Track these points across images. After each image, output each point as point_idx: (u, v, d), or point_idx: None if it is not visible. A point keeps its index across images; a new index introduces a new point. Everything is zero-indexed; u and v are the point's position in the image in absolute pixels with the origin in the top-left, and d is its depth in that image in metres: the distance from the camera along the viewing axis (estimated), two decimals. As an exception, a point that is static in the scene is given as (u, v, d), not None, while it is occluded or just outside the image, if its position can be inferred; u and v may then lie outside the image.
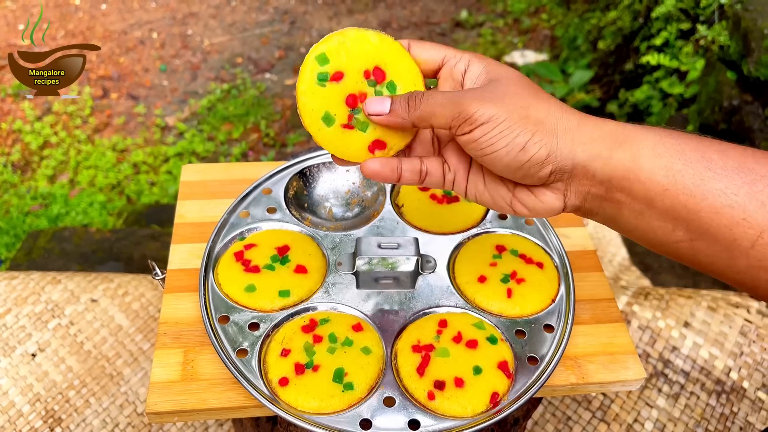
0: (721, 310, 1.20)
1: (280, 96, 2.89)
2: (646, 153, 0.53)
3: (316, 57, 0.61)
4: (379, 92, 0.61)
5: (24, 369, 1.09)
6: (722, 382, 1.12)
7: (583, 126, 0.55)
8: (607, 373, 0.75)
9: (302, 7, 3.45)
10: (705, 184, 0.52)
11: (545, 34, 3.19)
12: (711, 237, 0.53)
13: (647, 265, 1.64)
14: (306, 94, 0.61)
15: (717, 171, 0.52)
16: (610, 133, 0.55)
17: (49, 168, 2.49)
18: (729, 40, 1.98)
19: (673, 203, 0.53)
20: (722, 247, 0.53)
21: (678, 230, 0.55)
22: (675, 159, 0.53)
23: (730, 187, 0.51)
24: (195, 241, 0.86)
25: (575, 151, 0.54)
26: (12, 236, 2.21)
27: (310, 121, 0.61)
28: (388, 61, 0.61)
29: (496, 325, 0.76)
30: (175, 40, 3.19)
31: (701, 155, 0.53)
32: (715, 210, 0.52)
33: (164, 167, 2.54)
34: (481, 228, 0.87)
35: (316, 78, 0.61)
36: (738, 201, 0.51)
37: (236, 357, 0.70)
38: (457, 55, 0.60)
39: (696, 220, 0.53)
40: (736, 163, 0.52)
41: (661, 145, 0.54)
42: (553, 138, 0.54)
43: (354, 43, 0.61)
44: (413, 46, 0.61)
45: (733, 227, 0.52)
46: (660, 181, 0.53)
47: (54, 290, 1.19)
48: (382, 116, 0.59)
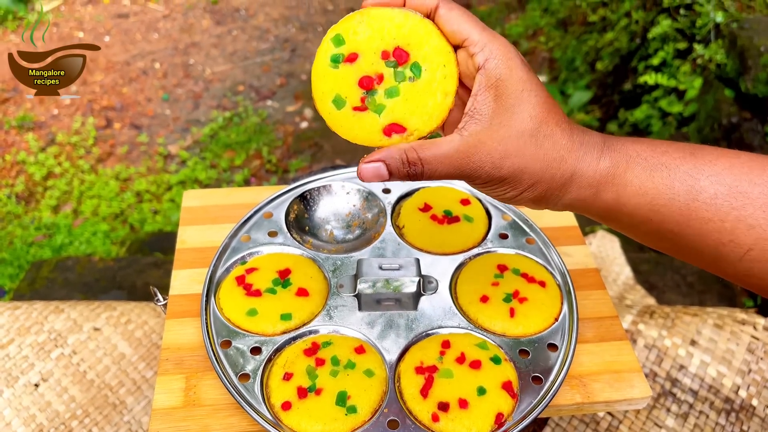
0: (728, 328, 1.19)
1: (282, 122, 2.91)
2: (631, 192, 0.55)
3: (332, 39, 0.57)
4: (400, 74, 0.57)
5: (27, 399, 1.08)
6: (731, 400, 1.10)
7: (577, 176, 0.55)
8: (612, 392, 0.74)
9: (303, 35, 3.49)
10: (691, 213, 0.53)
11: (543, 56, 3.21)
12: (697, 252, 0.55)
13: (652, 284, 1.63)
14: (318, 77, 0.58)
15: (705, 201, 0.53)
16: (599, 178, 0.55)
17: (52, 198, 2.51)
18: (726, 59, 2.00)
19: (658, 228, 0.55)
20: (709, 259, 0.55)
21: (663, 243, 0.57)
22: (661, 195, 0.54)
23: (718, 215, 0.52)
24: (196, 266, 0.86)
25: (562, 197, 0.56)
26: (16, 267, 2.21)
27: (321, 104, 0.59)
28: (413, 41, 0.56)
29: (500, 345, 0.75)
30: (177, 70, 3.23)
31: (690, 186, 0.53)
32: (701, 234, 0.53)
33: (167, 195, 2.55)
34: (482, 248, 0.87)
35: (329, 60, 0.57)
36: (725, 226, 0.52)
37: (238, 382, 0.70)
38: (480, 42, 0.54)
39: (681, 240, 0.55)
40: (727, 189, 0.52)
41: (650, 182, 0.54)
42: (543, 187, 0.55)
43: (374, 22, 0.57)
44: (440, 11, 0.56)
45: (720, 247, 0.53)
46: (645, 214, 0.55)
47: (57, 319, 1.19)
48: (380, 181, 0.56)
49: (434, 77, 0.57)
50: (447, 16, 0.55)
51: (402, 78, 0.57)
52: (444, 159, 0.54)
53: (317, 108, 0.59)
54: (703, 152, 0.55)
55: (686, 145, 0.56)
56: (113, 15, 3.57)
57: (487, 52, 0.54)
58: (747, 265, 0.52)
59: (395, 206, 0.93)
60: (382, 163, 0.55)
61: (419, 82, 0.57)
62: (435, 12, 0.56)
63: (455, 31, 0.55)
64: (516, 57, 0.54)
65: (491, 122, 0.53)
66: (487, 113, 0.54)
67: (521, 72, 0.54)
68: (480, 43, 0.54)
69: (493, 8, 3.63)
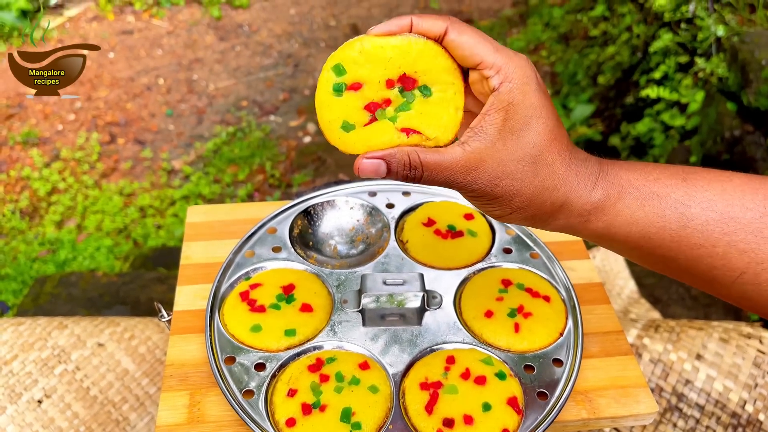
0: (734, 342, 1.18)
1: (285, 137, 2.92)
2: (621, 221, 0.55)
3: (332, 68, 0.56)
4: (410, 95, 0.57)
5: (30, 416, 1.08)
6: (738, 415, 1.10)
7: (568, 204, 0.56)
8: (618, 407, 0.73)
9: (305, 51, 3.51)
10: (682, 240, 0.54)
11: (545, 70, 3.23)
12: (690, 275, 0.56)
13: (657, 298, 1.63)
14: (322, 106, 0.57)
15: (696, 227, 0.53)
16: (590, 208, 0.56)
17: (56, 214, 2.51)
18: (727, 72, 2.00)
19: (650, 253, 0.56)
20: (702, 282, 0.56)
21: (657, 266, 0.58)
22: (652, 223, 0.54)
23: (709, 240, 0.53)
24: (201, 282, 0.87)
25: (550, 223, 0.58)
26: (19, 282, 2.22)
27: (330, 133, 0.58)
28: (419, 67, 0.55)
29: (505, 361, 0.75)
30: (181, 86, 3.25)
31: (682, 213, 0.54)
32: (693, 258, 0.54)
33: (171, 210, 2.56)
34: (486, 263, 0.87)
35: (332, 89, 0.56)
36: (717, 251, 0.53)
37: (243, 398, 0.70)
38: (495, 65, 0.53)
39: (674, 264, 0.56)
40: (718, 215, 0.53)
41: (641, 211, 0.55)
42: (533, 211, 0.56)
43: (375, 50, 0.55)
44: (450, 36, 0.54)
45: (712, 271, 0.54)
46: (636, 241, 0.56)
47: (60, 335, 1.19)
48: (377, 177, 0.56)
49: (445, 95, 0.57)
50: (458, 41, 0.54)
51: (412, 98, 0.57)
52: (444, 168, 0.54)
53: (327, 138, 0.58)
54: (695, 177, 0.55)
55: (679, 169, 0.56)
56: (118, 31, 3.60)
57: (503, 75, 0.53)
58: (740, 288, 0.53)
59: (399, 221, 0.93)
60: (382, 161, 0.55)
61: (431, 99, 0.57)
62: (444, 37, 0.55)
63: (468, 56, 0.54)
64: (532, 81, 0.54)
65: (495, 142, 0.54)
66: (493, 133, 0.54)
67: (534, 98, 0.54)
68: (495, 65, 0.53)
69: (494, 23, 3.65)
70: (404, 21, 0.55)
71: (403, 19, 0.55)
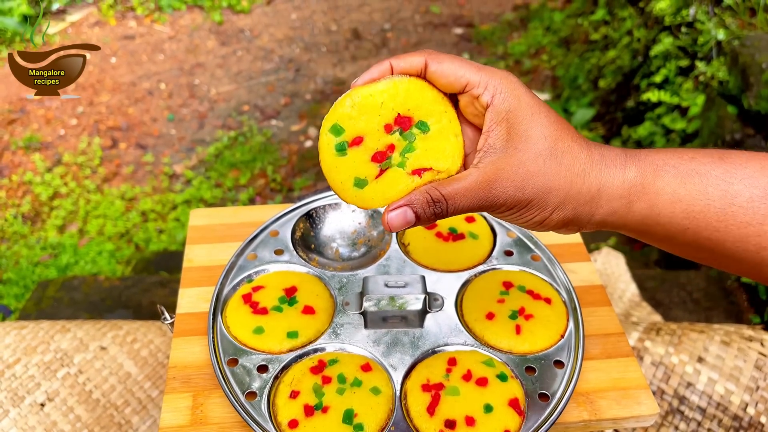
0: (735, 344, 1.18)
1: (287, 141, 2.92)
2: (664, 200, 0.53)
3: (330, 130, 0.56)
4: (410, 135, 0.57)
5: (33, 419, 1.08)
6: (739, 417, 1.10)
7: (604, 188, 0.54)
8: (619, 409, 0.74)
9: (307, 55, 3.52)
10: (728, 218, 0.52)
11: (546, 74, 3.23)
12: (737, 259, 0.53)
13: (658, 301, 1.63)
14: (330, 169, 0.57)
15: (742, 204, 0.52)
16: (629, 188, 0.54)
17: (58, 218, 2.52)
18: (728, 75, 2.01)
19: (695, 237, 0.54)
20: (750, 265, 0.53)
21: (702, 254, 0.55)
22: (696, 201, 0.53)
23: (756, 218, 0.51)
24: (203, 285, 0.87)
25: (593, 214, 0.55)
26: (22, 287, 2.22)
27: (345, 193, 0.58)
28: (411, 104, 0.56)
29: (506, 362, 0.75)
30: (183, 90, 3.26)
31: (725, 191, 0.52)
32: (741, 239, 0.52)
33: (172, 215, 2.56)
34: (487, 265, 0.87)
35: (335, 150, 0.57)
36: (766, 229, 0.51)
37: (245, 400, 0.70)
38: (481, 82, 0.54)
39: (721, 249, 0.53)
40: (762, 191, 0.52)
41: (683, 188, 0.53)
42: (572, 211, 0.54)
43: (365, 100, 0.56)
44: (431, 68, 0.56)
45: (761, 251, 0.52)
46: (680, 222, 0.53)
47: (63, 339, 1.20)
48: (408, 227, 0.55)
49: (441, 125, 0.57)
50: (440, 70, 0.55)
51: (413, 138, 0.57)
52: (466, 192, 0.54)
53: (343, 199, 0.58)
54: (731, 156, 0.54)
55: (713, 150, 0.55)
56: (119, 36, 3.61)
57: (492, 89, 0.54)
58: None
59: (400, 224, 0.93)
60: (407, 207, 0.55)
61: (430, 133, 0.57)
62: (425, 70, 0.56)
63: (452, 82, 0.55)
64: (520, 85, 0.55)
65: (506, 151, 0.54)
66: (501, 145, 0.54)
67: (528, 98, 0.54)
68: (481, 82, 0.54)
69: (495, 27, 3.66)
70: (384, 66, 0.56)
71: (382, 64, 0.56)
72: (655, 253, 2.12)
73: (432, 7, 3.87)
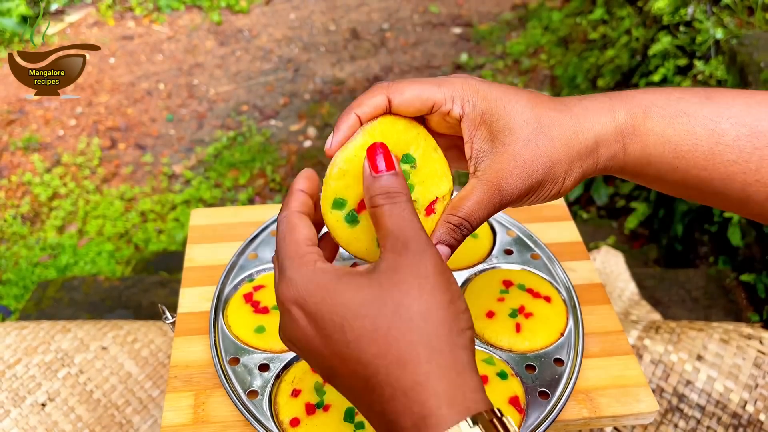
0: (734, 342, 1.19)
1: (286, 141, 2.93)
2: (654, 141, 0.55)
3: (333, 207, 0.55)
4: (404, 174, 0.56)
5: (34, 419, 1.09)
6: (739, 415, 1.10)
7: (600, 136, 0.55)
8: (619, 406, 0.74)
9: (306, 55, 3.52)
10: (715, 157, 0.53)
11: (545, 73, 3.24)
12: (724, 197, 0.55)
13: (657, 299, 1.63)
14: (350, 243, 0.56)
15: (728, 143, 0.53)
16: (621, 131, 0.55)
17: (57, 219, 2.52)
18: (726, 74, 2.01)
19: (684, 177, 0.55)
20: (736, 202, 0.55)
21: (690, 192, 0.57)
22: (684, 141, 0.54)
23: (742, 156, 0.53)
24: (205, 284, 0.87)
25: (598, 163, 0.56)
26: (21, 287, 2.22)
27: (372, 256, 0.57)
28: (390, 143, 0.55)
29: (506, 360, 0.75)
30: (182, 90, 3.26)
31: (712, 130, 0.53)
32: (727, 176, 0.53)
33: (171, 215, 2.57)
34: (487, 264, 0.88)
35: (347, 224, 0.56)
36: (750, 167, 0.52)
37: (247, 398, 0.70)
38: (446, 96, 0.55)
39: (708, 187, 0.55)
40: (748, 130, 0.53)
41: (671, 129, 0.54)
42: (580, 168, 0.56)
43: (349, 163, 0.54)
44: (395, 102, 0.56)
45: (746, 188, 0.53)
46: (670, 162, 0.55)
47: (64, 339, 1.20)
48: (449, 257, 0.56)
49: (422, 148, 0.57)
50: (404, 102, 0.55)
51: (408, 177, 0.57)
52: (480, 204, 0.55)
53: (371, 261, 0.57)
54: (718, 95, 0.55)
55: (700, 89, 0.56)
56: (118, 37, 3.61)
57: (459, 100, 0.55)
58: None
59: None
60: (439, 245, 0.55)
61: (418, 162, 0.57)
62: (390, 106, 0.56)
63: (419, 108, 0.55)
64: (482, 84, 0.56)
65: (496, 151, 0.55)
66: (488, 147, 0.55)
67: (495, 93, 0.55)
68: (446, 98, 0.55)
69: (494, 26, 3.67)
70: (351, 120, 0.55)
71: (348, 119, 0.55)
72: (654, 251, 2.13)
73: (431, 7, 3.87)
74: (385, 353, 0.45)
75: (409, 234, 0.48)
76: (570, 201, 2.46)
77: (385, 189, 0.50)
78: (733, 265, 1.76)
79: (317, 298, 0.47)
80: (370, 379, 0.46)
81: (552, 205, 1.01)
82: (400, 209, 0.49)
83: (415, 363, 0.45)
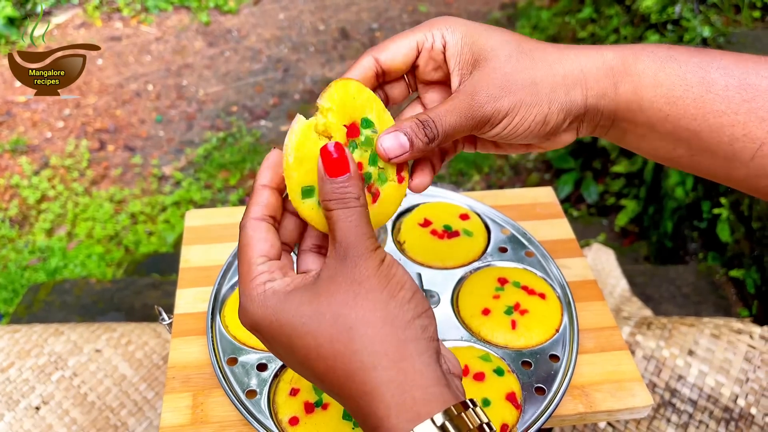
0: (725, 337, 1.20)
1: (276, 142, 2.92)
2: (646, 83, 0.54)
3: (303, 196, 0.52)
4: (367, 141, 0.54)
5: (28, 423, 1.08)
6: (730, 409, 1.11)
7: (587, 69, 0.55)
8: (614, 401, 0.75)
9: (295, 56, 3.52)
10: (705, 106, 0.53)
11: (533, 73, 3.25)
12: (711, 152, 0.54)
13: (648, 296, 1.65)
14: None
15: (718, 92, 0.53)
16: (611, 68, 0.55)
17: (46, 222, 2.50)
18: (713, 72, 2.03)
19: (674, 126, 0.55)
20: (722, 160, 0.54)
21: (679, 148, 0.56)
22: (676, 86, 0.54)
23: (731, 107, 0.52)
24: (201, 285, 0.87)
25: (587, 97, 0.56)
26: (10, 291, 2.20)
27: None
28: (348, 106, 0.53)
29: (502, 357, 0.76)
30: (171, 92, 3.24)
31: (702, 77, 0.53)
32: (716, 129, 0.53)
33: (162, 216, 2.56)
34: (482, 261, 0.88)
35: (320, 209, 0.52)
36: (738, 119, 0.52)
37: (245, 398, 0.70)
38: (426, 35, 0.56)
39: (696, 139, 0.54)
40: (737, 81, 0.53)
41: (662, 72, 0.54)
42: (565, 96, 0.55)
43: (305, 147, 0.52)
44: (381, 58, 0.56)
45: (734, 143, 0.53)
46: (661, 108, 0.54)
47: (57, 342, 1.19)
48: (405, 155, 0.53)
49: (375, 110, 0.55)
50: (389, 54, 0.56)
51: (370, 142, 0.54)
52: (451, 109, 0.54)
53: None
54: (706, 50, 0.55)
55: (688, 46, 0.57)
56: (106, 38, 3.59)
57: (438, 32, 0.57)
58: (759, 162, 0.53)
59: (395, 222, 0.94)
60: (397, 131, 0.53)
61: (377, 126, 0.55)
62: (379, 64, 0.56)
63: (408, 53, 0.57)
64: (459, 18, 0.57)
65: (478, 67, 0.55)
66: (471, 67, 0.56)
67: (475, 23, 0.57)
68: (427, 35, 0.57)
69: (482, 26, 3.68)
70: None
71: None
72: (645, 248, 2.14)
73: (420, 6, 3.88)
74: (333, 367, 0.45)
75: (351, 241, 0.47)
76: (561, 199, 2.47)
77: (338, 194, 0.49)
78: (722, 261, 1.78)
79: (267, 322, 0.48)
80: (332, 390, 0.47)
81: (545, 203, 1.02)
82: (348, 214, 0.48)
83: (361, 372, 0.45)
